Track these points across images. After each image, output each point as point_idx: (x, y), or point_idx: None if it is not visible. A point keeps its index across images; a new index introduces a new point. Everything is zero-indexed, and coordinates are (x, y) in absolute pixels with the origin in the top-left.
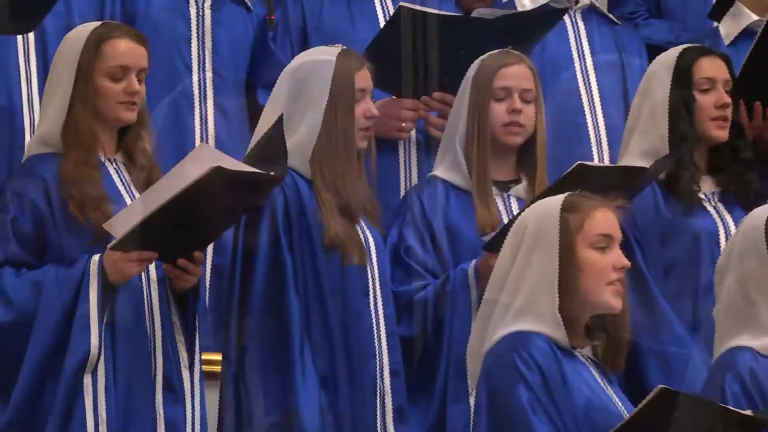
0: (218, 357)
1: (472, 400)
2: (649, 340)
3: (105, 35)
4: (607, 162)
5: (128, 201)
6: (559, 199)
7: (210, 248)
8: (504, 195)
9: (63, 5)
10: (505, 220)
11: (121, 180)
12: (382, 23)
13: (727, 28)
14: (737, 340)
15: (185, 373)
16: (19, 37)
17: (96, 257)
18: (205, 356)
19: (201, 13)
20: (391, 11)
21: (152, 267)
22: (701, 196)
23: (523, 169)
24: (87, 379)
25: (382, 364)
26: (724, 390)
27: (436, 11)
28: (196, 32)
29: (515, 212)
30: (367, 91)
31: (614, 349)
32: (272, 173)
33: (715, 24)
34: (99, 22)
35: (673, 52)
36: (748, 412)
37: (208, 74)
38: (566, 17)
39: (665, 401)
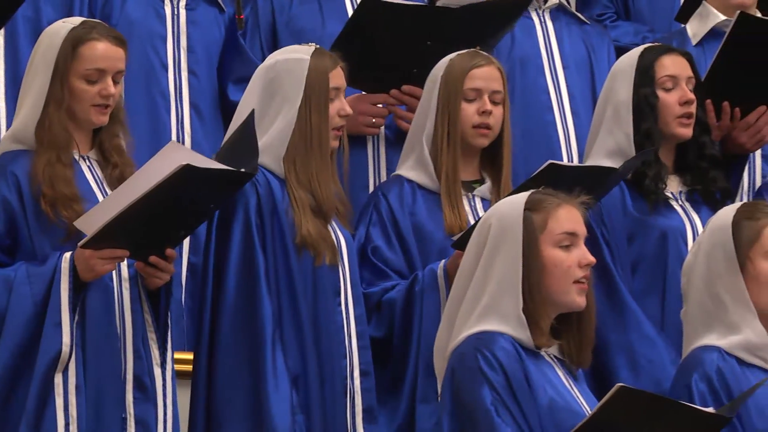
0: (191, 356)
1: None
2: (617, 338)
3: (83, 36)
4: (576, 160)
5: (101, 199)
6: (522, 197)
7: (185, 247)
8: (469, 195)
9: (32, 11)
10: (472, 221)
11: (94, 178)
12: None
13: (694, 29)
14: (705, 339)
15: (157, 371)
16: None
17: (67, 255)
18: (178, 355)
19: (176, 13)
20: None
21: (124, 266)
22: (668, 195)
23: (487, 170)
24: (58, 378)
25: (352, 364)
26: (691, 389)
27: (401, 2)
28: (171, 31)
29: (481, 213)
30: (341, 90)
31: (579, 346)
32: (243, 170)
33: (683, 25)
34: (79, 20)
35: (635, 52)
36: (710, 410)
37: (184, 73)
38: (535, 16)
39: (625, 400)
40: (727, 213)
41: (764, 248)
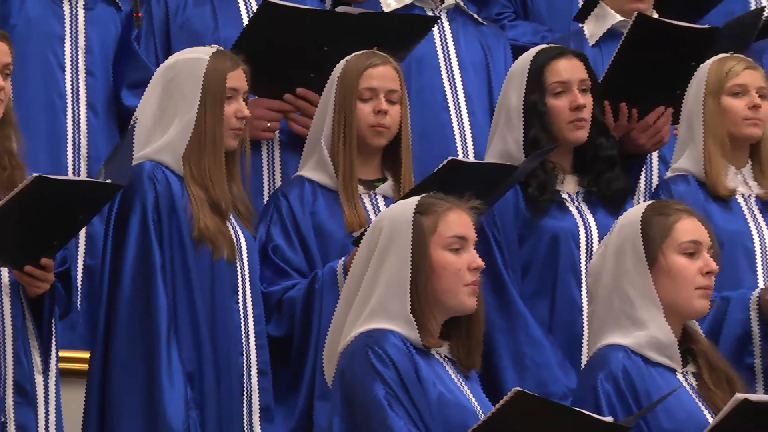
0: (86, 355)
1: None
2: (504, 339)
3: None
4: (472, 160)
5: None
6: (413, 201)
7: (81, 249)
8: (371, 194)
9: None
10: (373, 219)
11: None
12: (245, 22)
13: (592, 29)
14: (611, 338)
15: (38, 378)
16: None
17: None
18: (74, 354)
19: (74, 13)
20: (255, 10)
21: (4, 272)
22: (564, 196)
23: (388, 168)
24: None
25: (249, 362)
26: (596, 390)
27: (299, 6)
28: (69, 31)
29: (382, 210)
30: (239, 92)
31: (468, 349)
32: (109, 181)
33: (581, 25)
34: None
35: (528, 55)
36: (610, 419)
37: (81, 74)
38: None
39: (521, 405)
40: (636, 211)
41: (676, 242)
